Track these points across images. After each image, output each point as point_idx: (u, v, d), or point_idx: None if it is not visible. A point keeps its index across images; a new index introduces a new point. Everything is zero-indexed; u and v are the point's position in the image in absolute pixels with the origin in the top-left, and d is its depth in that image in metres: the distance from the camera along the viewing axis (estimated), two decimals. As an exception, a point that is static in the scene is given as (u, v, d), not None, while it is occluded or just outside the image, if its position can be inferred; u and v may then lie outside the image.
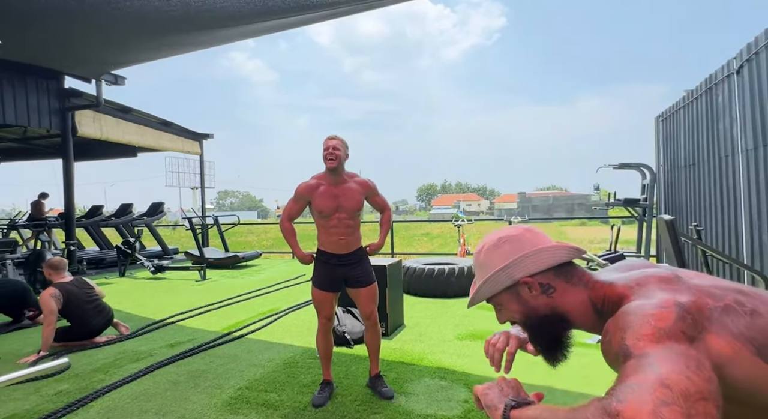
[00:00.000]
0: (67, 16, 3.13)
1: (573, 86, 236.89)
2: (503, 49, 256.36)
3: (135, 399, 2.53)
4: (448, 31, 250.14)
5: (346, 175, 2.55)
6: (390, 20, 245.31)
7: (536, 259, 0.84)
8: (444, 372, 2.91)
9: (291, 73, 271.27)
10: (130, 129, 8.45)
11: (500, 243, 0.88)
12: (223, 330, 3.98)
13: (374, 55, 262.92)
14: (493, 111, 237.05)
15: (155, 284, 6.73)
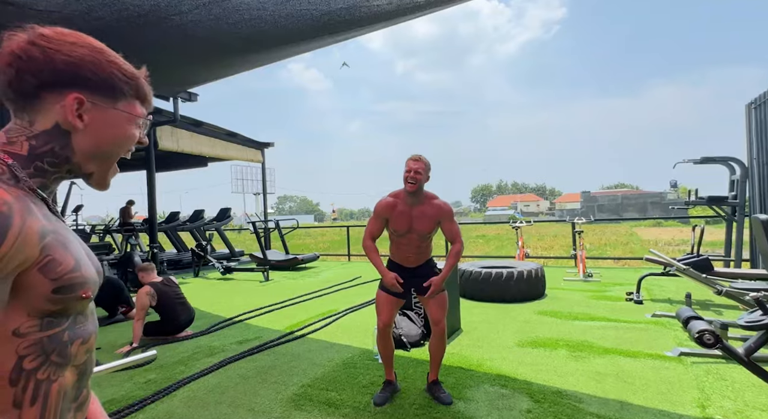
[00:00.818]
0: (151, 45, 3.52)
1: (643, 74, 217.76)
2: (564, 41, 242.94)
3: (211, 391, 2.75)
4: (503, 26, 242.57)
5: (425, 196, 2.49)
6: (442, 20, 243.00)
7: None
8: (504, 379, 2.83)
9: (344, 80, 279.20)
10: (201, 141, 9.21)
11: None
12: (285, 329, 4.19)
13: (426, 56, 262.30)
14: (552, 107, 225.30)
15: (224, 285, 7.25)
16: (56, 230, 0.59)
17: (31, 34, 0.59)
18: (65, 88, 0.60)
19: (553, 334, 3.75)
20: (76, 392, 0.63)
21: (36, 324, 0.56)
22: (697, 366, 2.89)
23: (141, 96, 0.68)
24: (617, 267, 8.24)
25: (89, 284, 0.61)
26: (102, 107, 0.63)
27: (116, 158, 0.67)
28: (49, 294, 0.56)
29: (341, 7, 2.81)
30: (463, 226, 25.93)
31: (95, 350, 0.71)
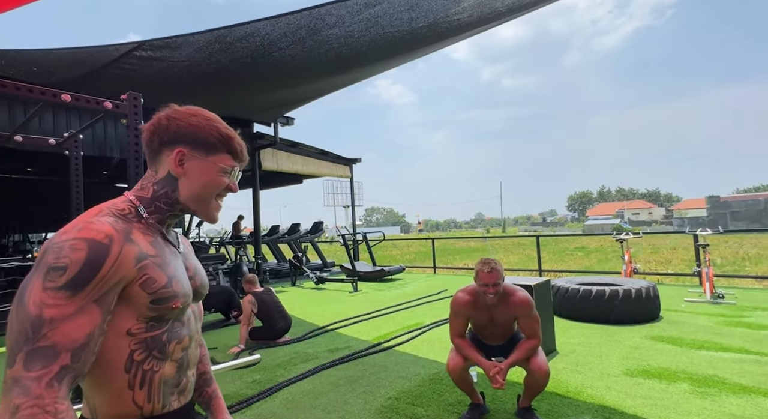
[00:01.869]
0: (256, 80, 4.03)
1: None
2: (678, 26, 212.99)
3: (306, 395, 2.95)
4: (603, 18, 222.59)
5: (504, 293, 2.39)
6: (530, 21, 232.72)
7: None
8: (609, 411, 2.54)
9: (429, 92, 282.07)
10: (297, 160, 10.08)
11: None
12: (373, 340, 4.31)
13: (513, 61, 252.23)
14: (662, 101, 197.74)
15: (317, 294, 7.74)
16: (158, 254, 0.77)
17: (167, 110, 0.82)
18: (176, 145, 0.81)
19: (671, 364, 3.26)
20: (176, 380, 0.80)
21: (143, 326, 0.74)
22: None
23: (232, 151, 0.85)
24: (760, 288, 6.84)
25: (179, 297, 0.77)
26: (198, 159, 0.81)
27: (210, 199, 0.84)
28: (148, 304, 0.73)
29: (422, 25, 2.90)
30: (559, 238, 24.08)
31: (212, 349, 0.96)
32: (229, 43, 3.12)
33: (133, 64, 3.39)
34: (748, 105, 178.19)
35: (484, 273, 2.32)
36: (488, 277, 2.30)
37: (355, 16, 2.86)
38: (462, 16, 2.80)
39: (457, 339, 2.45)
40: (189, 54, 3.16)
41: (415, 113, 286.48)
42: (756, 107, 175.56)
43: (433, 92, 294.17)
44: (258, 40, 3.11)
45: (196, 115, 0.82)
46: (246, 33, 3.06)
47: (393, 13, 2.82)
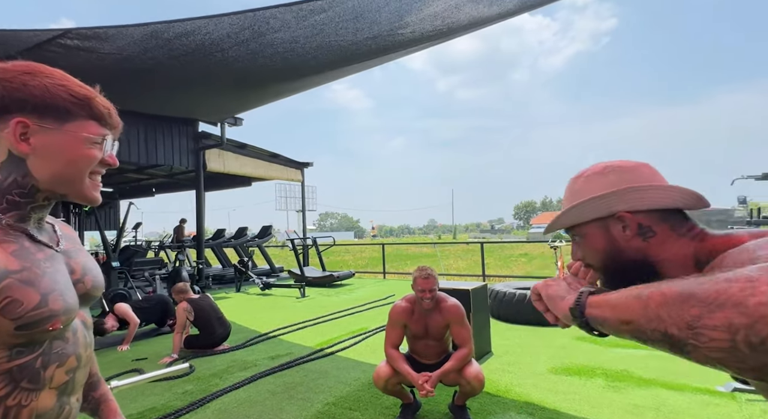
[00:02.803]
0: (197, 78, 3.89)
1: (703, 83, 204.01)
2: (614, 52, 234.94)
3: (240, 405, 2.87)
4: (548, 40, 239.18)
5: (437, 300, 2.51)
6: (483, 37, 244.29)
7: (644, 195, 0.69)
8: (532, 407, 2.72)
9: (386, 99, 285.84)
10: (245, 162, 9.78)
11: (606, 172, 0.74)
12: (316, 346, 4.28)
13: (468, 73, 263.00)
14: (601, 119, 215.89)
15: (263, 300, 7.53)
16: (24, 267, 0.59)
17: None
18: (10, 114, 0.60)
19: (591, 361, 3.55)
20: (56, 411, 0.65)
21: (5, 355, 0.58)
22: (753, 404, 2.62)
23: (95, 115, 0.66)
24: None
25: (58, 316, 0.61)
26: (49, 130, 0.61)
27: (81, 179, 0.65)
28: (12, 331, 0.57)
29: (367, 37, 2.97)
30: (505, 244, 25.20)
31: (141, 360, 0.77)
32: (166, 40, 2.99)
33: (56, 53, 3.12)
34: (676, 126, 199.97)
35: (421, 279, 2.43)
36: (425, 283, 2.42)
37: (301, 21, 2.87)
38: (405, 31, 2.92)
39: (390, 350, 2.51)
40: (121, 47, 2.98)
41: (372, 118, 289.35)
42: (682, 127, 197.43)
43: (391, 99, 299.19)
44: (198, 38, 3.01)
45: (32, 72, 0.61)
46: (185, 30, 2.95)
47: (339, 22, 2.87)
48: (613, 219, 0.70)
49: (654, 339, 0.50)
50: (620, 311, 0.54)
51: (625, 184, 0.70)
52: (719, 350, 0.44)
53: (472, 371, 2.42)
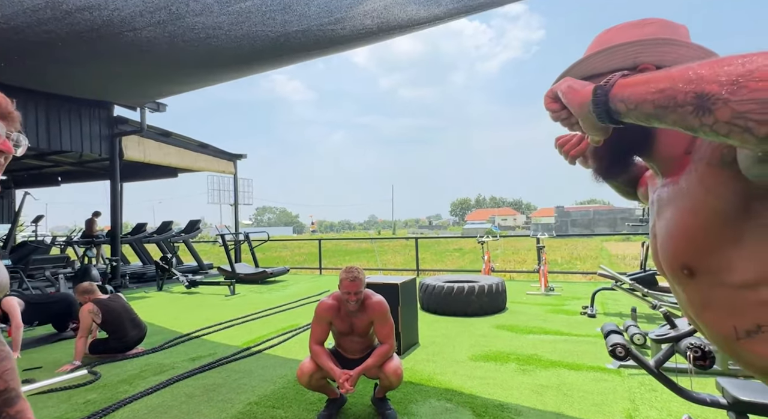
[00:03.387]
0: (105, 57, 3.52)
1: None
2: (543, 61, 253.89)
3: (152, 411, 2.69)
4: (485, 45, 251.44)
5: (363, 297, 2.53)
6: (424, 38, 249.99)
7: (676, 51, 0.62)
8: (451, 393, 2.88)
9: (328, 92, 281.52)
10: (170, 152, 9.08)
11: (643, 23, 0.68)
12: (243, 345, 4.13)
13: (410, 73, 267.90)
14: (532, 124, 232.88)
15: (188, 299, 7.08)
16: None
17: None
18: None
19: (506, 348, 3.84)
20: None
21: None
22: (633, 377, 3.02)
23: None
24: (584, 281, 8.49)
25: None
26: None
27: None
28: None
29: (296, 29, 2.91)
30: (441, 239, 26.18)
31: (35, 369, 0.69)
32: (66, 12, 2.63)
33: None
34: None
35: (347, 282, 2.45)
36: (351, 285, 2.44)
37: (225, 7, 2.70)
38: (337, 28, 2.90)
39: (315, 346, 2.51)
40: (7, 16, 2.59)
41: (313, 111, 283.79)
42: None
43: (333, 93, 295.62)
44: (105, 14, 2.69)
45: None
46: (88, 4, 2.62)
47: (266, 11, 2.76)
48: (635, 73, 0.61)
49: (682, 102, 0.47)
50: (656, 80, 0.51)
51: (661, 36, 0.64)
52: (752, 101, 0.42)
53: (391, 366, 2.49)
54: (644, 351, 3.46)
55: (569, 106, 0.62)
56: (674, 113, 0.49)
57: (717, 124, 0.45)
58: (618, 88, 0.55)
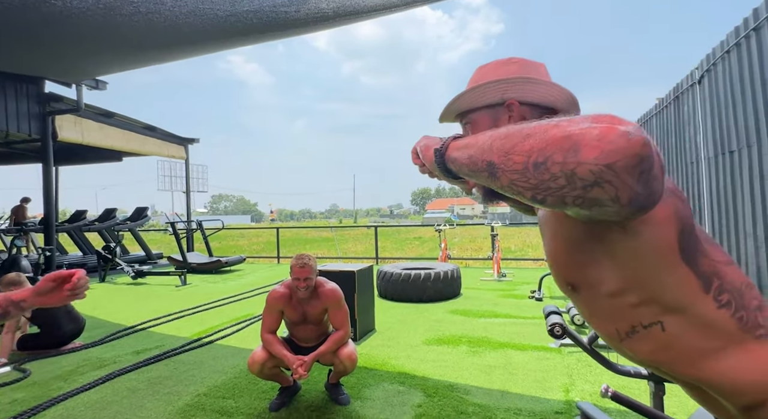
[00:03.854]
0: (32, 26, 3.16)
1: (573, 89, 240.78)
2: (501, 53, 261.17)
3: (90, 408, 2.53)
4: (446, 36, 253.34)
5: (316, 285, 2.52)
6: (388, 25, 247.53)
7: (536, 88, 0.73)
8: (404, 377, 2.94)
9: (288, 77, 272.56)
10: (113, 133, 8.43)
11: (509, 62, 0.77)
12: (193, 336, 3.98)
13: (372, 60, 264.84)
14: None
15: (134, 290, 6.70)
16: None
17: None
18: None
19: (459, 331, 3.97)
20: None
21: None
22: (571, 355, 3.24)
23: None
24: (534, 267, 8.93)
25: None
26: None
27: None
28: None
29: (247, 9, 2.75)
30: (402, 228, 26.47)
31: None
32: None
33: None
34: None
35: (297, 268, 2.42)
36: (300, 272, 2.40)
37: (167, -24, 2.52)
38: (289, 10, 2.77)
39: (266, 335, 2.46)
40: None
41: (272, 96, 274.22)
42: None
43: (293, 78, 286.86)
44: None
45: None
46: None
47: (213, -15, 2.60)
48: (502, 107, 0.74)
49: (481, 169, 0.55)
50: (469, 147, 0.59)
51: (523, 75, 0.74)
52: (515, 172, 0.50)
53: (346, 352, 2.50)
54: (583, 331, 3.71)
55: (425, 161, 0.70)
56: (480, 176, 0.57)
57: (503, 187, 0.54)
58: (450, 150, 0.64)
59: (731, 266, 0.68)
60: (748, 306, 0.65)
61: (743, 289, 0.66)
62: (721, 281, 0.65)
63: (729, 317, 0.63)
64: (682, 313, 0.64)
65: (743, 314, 0.64)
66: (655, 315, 0.64)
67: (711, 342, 0.64)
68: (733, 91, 3.41)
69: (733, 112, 3.44)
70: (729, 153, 3.54)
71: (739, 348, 0.64)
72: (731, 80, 3.45)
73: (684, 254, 0.63)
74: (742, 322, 0.64)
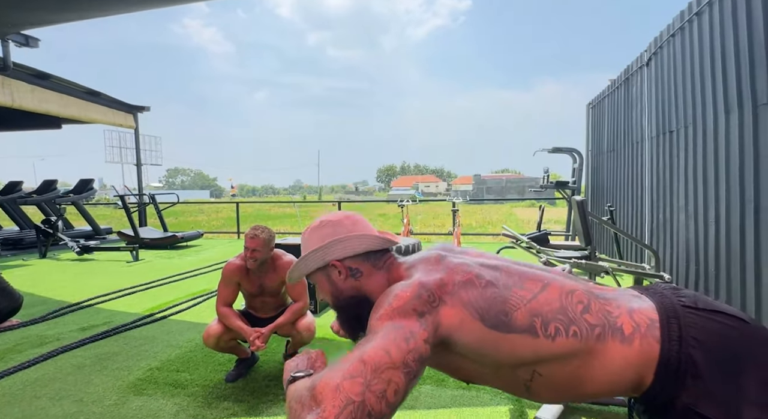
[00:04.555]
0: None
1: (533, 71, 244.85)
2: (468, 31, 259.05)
3: (29, 385, 2.40)
4: (415, 10, 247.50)
5: (271, 259, 2.46)
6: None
7: (347, 245, 0.88)
8: (362, 346, 3.01)
9: (249, 46, 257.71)
10: (49, 98, 7.68)
11: (321, 226, 0.91)
12: (144, 312, 3.84)
13: (339, 31, 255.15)
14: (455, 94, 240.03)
15: (80, 266, 6.33)
16: None
17: None
18: None
19: (417, 302, 4.09)
20: None
21: None
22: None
23: None
24: (493, 242, 9.29)
25: None
26: None
27: None
28: None
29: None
30: (368, 203, 26.53)
31: None
32: None
33: None
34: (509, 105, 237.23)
35: (248, 238, 2.37)
36: (250, 242, 2.35)
37: None
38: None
39: (222, 308, 2.41)
40: None
41: (232, 66, 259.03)
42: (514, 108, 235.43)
43: (254, 47, 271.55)
44: None
45: None
46: None
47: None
48: (330, 267, 0.89)
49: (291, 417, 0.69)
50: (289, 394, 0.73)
51: (333, 236, 0.88)
52: None
53: (304, 323, 2.51)
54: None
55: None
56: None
57: None
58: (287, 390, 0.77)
59: (545, 290, 0.79)
60: (575, 319, 0.76)
61: (565, 303, 0.77)
62: (541, 317, 0.76)
63: (566, 340, 0.74)
64: (538, 362, 0.75)
65: (575, 328, 0.74)
66: (528, 371, 0.77)
67: (573, 367, 0.75)
68: (676, 74, 3.60)
69: (674, 93, 3.65)
70: (669, 133, 3.77)
71: (592, 357, 0.74)
72: (674, 63, 3.64)
73: (499, 328, 0.75)
74: (578, 336, 0.74)
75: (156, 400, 2.24)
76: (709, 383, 0.69)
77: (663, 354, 0.72)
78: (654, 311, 0.77)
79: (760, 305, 2.62)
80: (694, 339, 0.71)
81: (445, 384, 2.38)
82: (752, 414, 0.67)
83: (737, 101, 2.76)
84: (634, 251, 4.80)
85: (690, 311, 0.75)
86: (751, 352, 0.71)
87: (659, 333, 0.74)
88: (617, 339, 0.74)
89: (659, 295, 0.81)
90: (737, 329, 0.73)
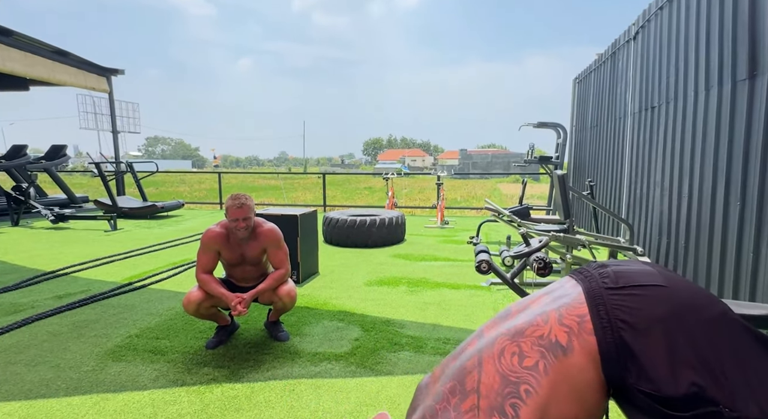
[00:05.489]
0: None
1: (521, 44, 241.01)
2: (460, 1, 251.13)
3: (2, 352, 2.37)
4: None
5: (254, 226, 2.45)
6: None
7: None
8: (344, 314, 3.06)
9: (231, 8, 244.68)
10: (11, 56, 7.20)
11: None
12: (123, 281, 3.80)
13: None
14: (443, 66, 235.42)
15: (55, 235, 6.17)
16: None
17: None
18: None
19: (399, 273, 4.15)
20: None
21: None
22: (499, 292, 3.54)
23: None
24: (476, 216, 9.40)
25: None
26: None
27: None
28: None
29: None
30: (353, 176, 26.35)
31: None
32: None
33: None
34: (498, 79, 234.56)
35: (234, 209, 2.33)
36: (238, 212, 2.32)
37: None
38: None
39: (202, 275, 2.39)
40: None
41: (215, 31, 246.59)
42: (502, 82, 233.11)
43: (237, 9, 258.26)
44: None
45: None
46: None
47: None
48: None
49: None
50: None
51: None
52: None
53: (285, 289, 2.52)
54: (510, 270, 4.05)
55: None
56: None
57: None
58: None
59: (483, 372, 0.81)
60: (519, 376, 0.77)
61: (502, 369, 0.79)
62: (495, 406, 0.77)
63: (527, 407, 0.75)
64: None
65: (525, 387, 0.76)
66: None
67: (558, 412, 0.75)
68: (661, 49, 3.59)
69: (658, 69, 3.65)
70: (651, 108, 3.80)
71: (559, 391, 0.75)
72: (660, 38, 3.62)
73: None
74: (534, 391, 0.75)
75: (135, 366, 2.25)
76: (642, 359, 0.71)
77: (601, 344, 0.74)
78: (582, 302, 0.79)
79: (723, 276, 2.75)
80: (622, 321, 0.74)
81: (423, 351, 2.46)
82: (687, 376, 0.69)
83: (718, 77, 2.78)
84: (612, 225, 4.93)
85: (613, 293, 0.77)
86: (674, 315, 0.73)
87: (590, 325, 0.76)
88: (559, 356, 0.76)
89: (588, 279, 0.83)
90: (656, 297, 0.75)
